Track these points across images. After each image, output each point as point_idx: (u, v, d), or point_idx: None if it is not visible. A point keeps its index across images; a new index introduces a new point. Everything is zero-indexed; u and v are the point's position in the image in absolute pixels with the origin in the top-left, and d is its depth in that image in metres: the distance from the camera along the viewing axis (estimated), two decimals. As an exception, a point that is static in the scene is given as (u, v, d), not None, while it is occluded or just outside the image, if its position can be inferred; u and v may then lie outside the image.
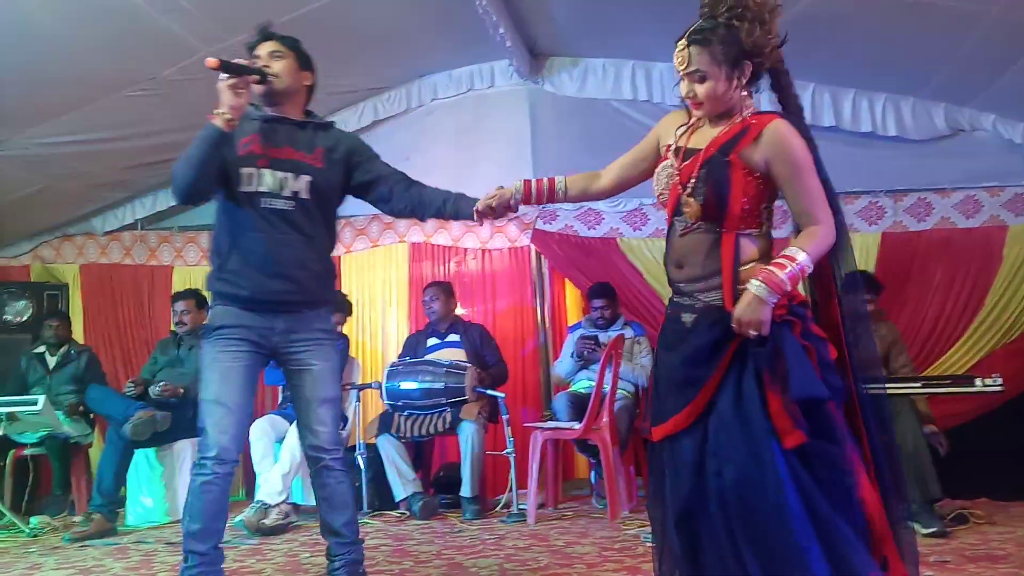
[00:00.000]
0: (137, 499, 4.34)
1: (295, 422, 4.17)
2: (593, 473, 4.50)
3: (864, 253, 4.80)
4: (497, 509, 4.24)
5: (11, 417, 4.17)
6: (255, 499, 3.99)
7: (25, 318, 5.24)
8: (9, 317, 5.23)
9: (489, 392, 4.30)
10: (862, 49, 4.34)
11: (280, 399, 4.64)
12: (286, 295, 2.39)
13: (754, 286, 1.70)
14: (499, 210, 2.27)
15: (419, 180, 2.63)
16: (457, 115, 5.48)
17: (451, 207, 2.51)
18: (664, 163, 1.94)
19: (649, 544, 3.14)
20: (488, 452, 4.34)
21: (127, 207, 5.66)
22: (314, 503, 4.22)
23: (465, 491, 4.16)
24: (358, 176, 2.57)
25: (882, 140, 4.77)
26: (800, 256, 1.72)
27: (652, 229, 5.09)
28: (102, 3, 3.51)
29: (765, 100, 2.02)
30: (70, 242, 5.69)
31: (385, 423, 4.34)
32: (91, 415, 4.77)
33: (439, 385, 4.26)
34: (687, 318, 1.84)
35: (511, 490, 4.13)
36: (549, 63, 5.28)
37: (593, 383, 4.11)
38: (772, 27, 1.81)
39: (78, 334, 5.34)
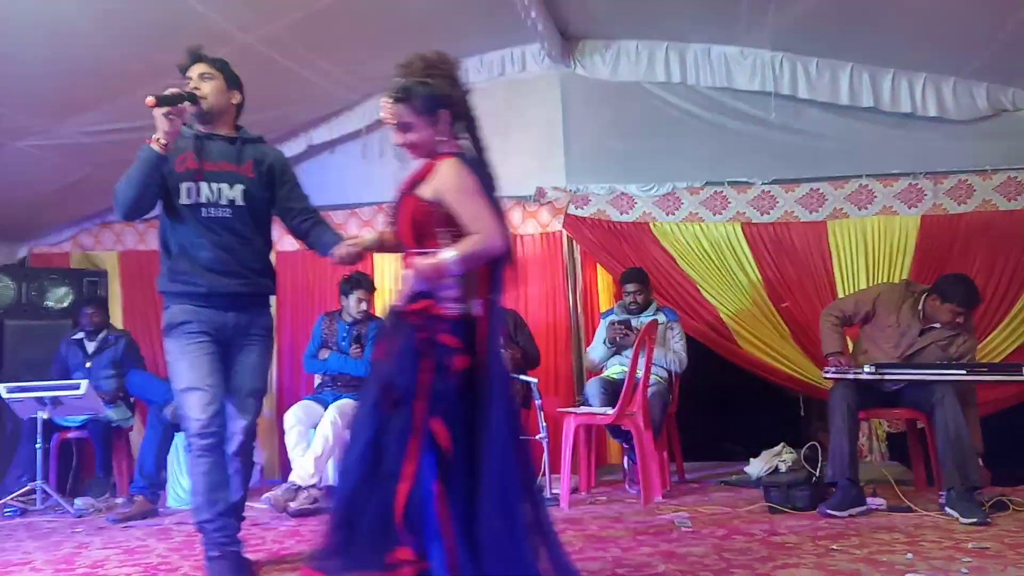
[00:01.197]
0: (177, 481, 4.43)
1: (329, 407, 4.25)
2: (626, 458, 4.50)
3: (903, 236, 4.74)
4: (530, 493, 4.25)
5: (55, 402, 4.26)
6: (287, 480, 4.06)
7: (65, 304, 5.35)
8: (50, 304, 5.34)
9: (522, 377, 4.31)
10: (902, 28, 4.25)
11: (316, 384, 4.69)
12: (238, 287, 2.65)
13: (403, 273, 2.12)
14: (353, 258, 2.59)
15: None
16: (489, 100, 5.36)
17: (331, 250, 2.68)
18: None
19: (685, 528, 3.15)
20: (522, 437, 4.34)
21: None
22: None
23: (498, 475, 4.18)
24: (282, 198, 2.81)
25: (922, 121, 4.70)
26: (444, 253, 2.03)
27: (685, 214, 5.05)
28: (141, -7, 3.56)
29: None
30: (109, 229, 5.79)
31: (419, 408, 4.37)
32: (131, 399, 4.87)
33: (472, 370, 4.27)
34: None
35: (544, 474, 4.15)
36: (581, 46, 5.25)
37: (626, 369, 4.09)
38: (458, 78, 2.19)
39: (117, 320, 5.45)
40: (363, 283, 4.66)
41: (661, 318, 4.50)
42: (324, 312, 4.85)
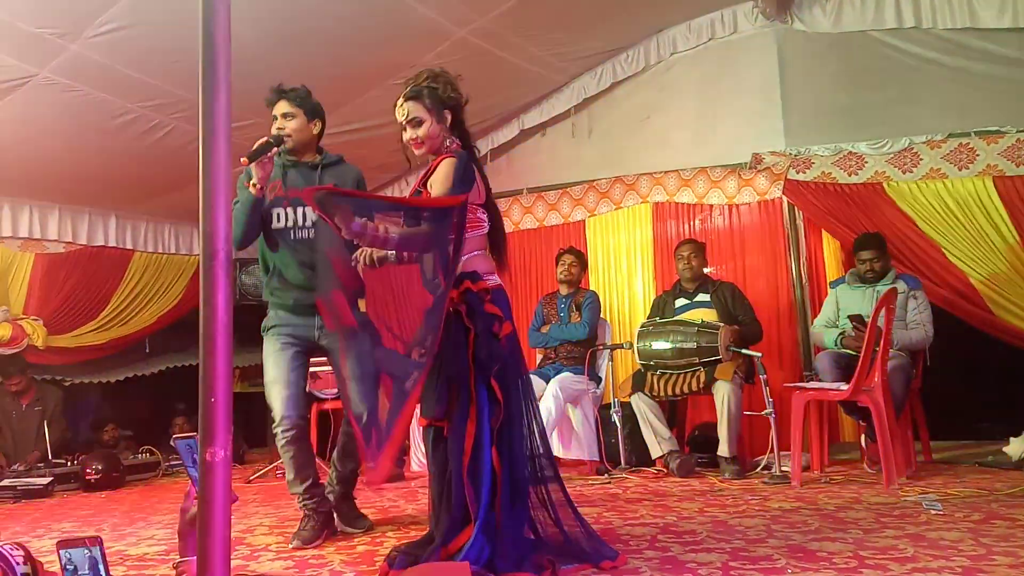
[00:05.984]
0: (419, 447, 4.82)
1: (551, 380, 4.41)
2: (863, 436, 4.23)
3: None
4: (757, 470, 4.15)
5: (313, 376, 4.80)
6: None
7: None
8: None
9: (744, 352, 4.19)
10: None
11: (539, 360, 4.87)
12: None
13: None
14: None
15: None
16: (698, 67, 5.33)
17: None
18: None
19: (935, 512, 2.92)
20: (746, 412, 4.24)
21: (393, 188, 6.23)
22: (574, 456, 4.47)
23: (723, 451, 4.12)
24: None
25: None
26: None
27: (925, 171, 4.61)
28: (370, 1, 3.86)
29: None
30: (350, 221, 6.36)
31: (638, 382, 4.41)
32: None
33: (691, 345, 4.23)
34: None
35: (772, 451, 4.02)
36: (798, -1, 4.95)
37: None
38: (460, 91, 2.52)
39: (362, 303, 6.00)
40: (572, 251, 4.90)
41: (901, 286, 4.15)
42: (544, 294, 5.06)
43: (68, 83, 3.87)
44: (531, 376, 4.54)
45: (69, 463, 4.83)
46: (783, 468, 3.91)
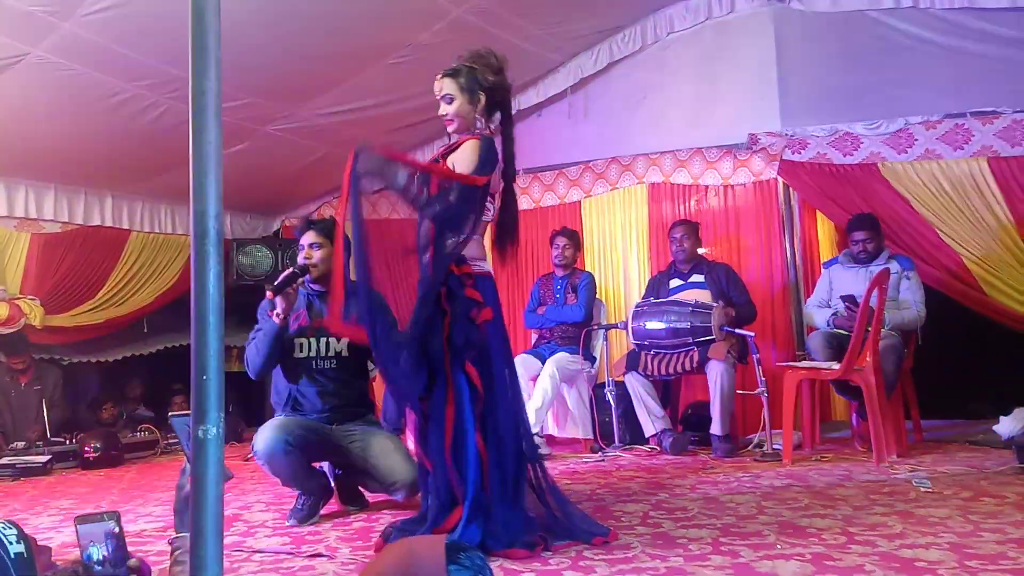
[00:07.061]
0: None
1: (547, 360, 4.43)
2: (854, 415, 4.27)
3: None
4: (749, 448, 4.19)
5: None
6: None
7: (313, 270, 6.01)
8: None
9: (737, 331, 4.21)
10: None
11: (534, 340, 4.90)
12: (336, 418, 3.02)
13: None
14: None
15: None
16: (695, 47, 5.31)
17: None
18: None
19: (924, 489, 2.96)
20: (739, 391, 4.28)
21: (389, 168, 6.21)
22: (568, 435, 4.50)
23: (715, 429, 4.16)
24: None
25: None
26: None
27: (920, 151, 4.61)
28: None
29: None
30: (345, 202, 6.37)
31: (632, 361, 4.43)
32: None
33: (685, 325, 4.25)
34: None
35: (764, 429, 4.05)
36: (796, -22, 4.92)
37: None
38: (503, 75, 2.53)
39: (356, 283, 6.02)
40: (565, 232, 4.89)
41: (895, 267, 4.17)
42: (540, 275, 5.07)
43: (61, 62, 3.84)
44: (527, 355, 4.62)
45: (68, 442, 4.85)
46: (775, 446, 3.94)
